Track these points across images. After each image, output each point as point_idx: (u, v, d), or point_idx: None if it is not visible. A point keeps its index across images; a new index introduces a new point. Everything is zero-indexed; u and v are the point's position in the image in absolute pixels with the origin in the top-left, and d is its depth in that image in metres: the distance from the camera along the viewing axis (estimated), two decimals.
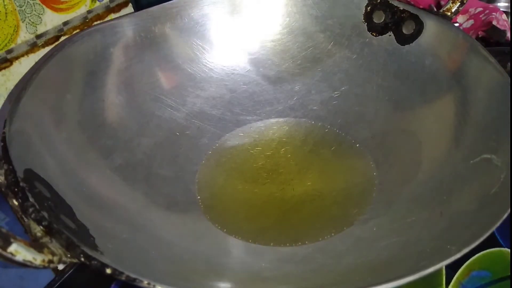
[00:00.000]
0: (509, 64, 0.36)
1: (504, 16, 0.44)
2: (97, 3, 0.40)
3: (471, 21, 0.45)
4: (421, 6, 0.39)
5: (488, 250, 0.28)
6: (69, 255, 0.22)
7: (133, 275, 0.21)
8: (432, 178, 0.32)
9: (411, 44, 0.37)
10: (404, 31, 0.38)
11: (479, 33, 0.44)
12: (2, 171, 0.25)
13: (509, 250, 0.29)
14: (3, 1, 0.33)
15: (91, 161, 0.32)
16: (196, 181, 0.36)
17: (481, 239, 0.23)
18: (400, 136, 0.36)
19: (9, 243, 0.20)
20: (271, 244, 0.31)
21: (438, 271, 0.26)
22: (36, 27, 0.36)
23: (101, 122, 0.35)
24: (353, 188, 0.34)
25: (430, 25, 0.37)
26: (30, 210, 0.23)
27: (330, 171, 0.36)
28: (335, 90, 0.40)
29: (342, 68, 0.40)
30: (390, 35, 0.39)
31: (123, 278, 0.21)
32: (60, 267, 0.22)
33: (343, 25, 0.40)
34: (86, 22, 0.40)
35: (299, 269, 0.29)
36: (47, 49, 0.37)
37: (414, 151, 0.34)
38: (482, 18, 0.44)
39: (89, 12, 0.39)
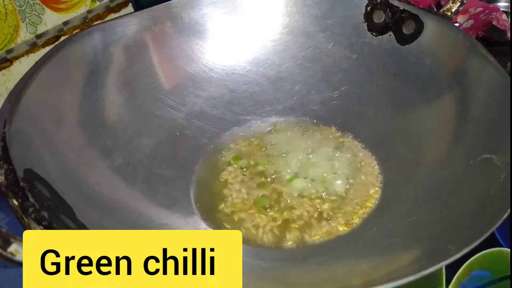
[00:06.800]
0: (509, 64, 0.36)
1: (504, 16, 0.44)
2: (97, 3, 0.40)
3: (471, 21, 0.45)
4: (421, 6, 0.39)
5: (488, 250, 0.28)
6: None
7: None
8: (432, 178, 0.32)
9: (411, 44, 0.37)
10: (404, 31, 0.38)
11: (479, 33, 0.44)
12: (2, 171, 0.25)
13: (509, 250, 0.28)
14: (3, 1, 0.33)
15: (91, 161, 0.32)
16: (196, 181, 0.36)
17: (481, 239, 0.23)
18: (400, 135, 0.36)
19: (9, 243, 0.20)
20: (271, 244, 0.31)
21: (438, 271, 0.26)
22: (36, 27, 0.36)
23: (101, 122, 0.35)
24: (353, 188, 0.34)
25: (430, 25, 0.37)
26: (30, 210, 0.23)
27: (330, 171, 0.36)
28: (335, 90, 0.40)
29: (342, 68, 0.40)
30: (390, 35, 0.39)
31: None
32: None
33: (343, 25, 0.40)
34: (86, 22, 0.40)
35: (299, 269, 0.29)
36: (47, 49, 0.37)
37: (415, 150, 0.34)
38: (482, 18, 0.44)
39: (89, 12, 0.39)
